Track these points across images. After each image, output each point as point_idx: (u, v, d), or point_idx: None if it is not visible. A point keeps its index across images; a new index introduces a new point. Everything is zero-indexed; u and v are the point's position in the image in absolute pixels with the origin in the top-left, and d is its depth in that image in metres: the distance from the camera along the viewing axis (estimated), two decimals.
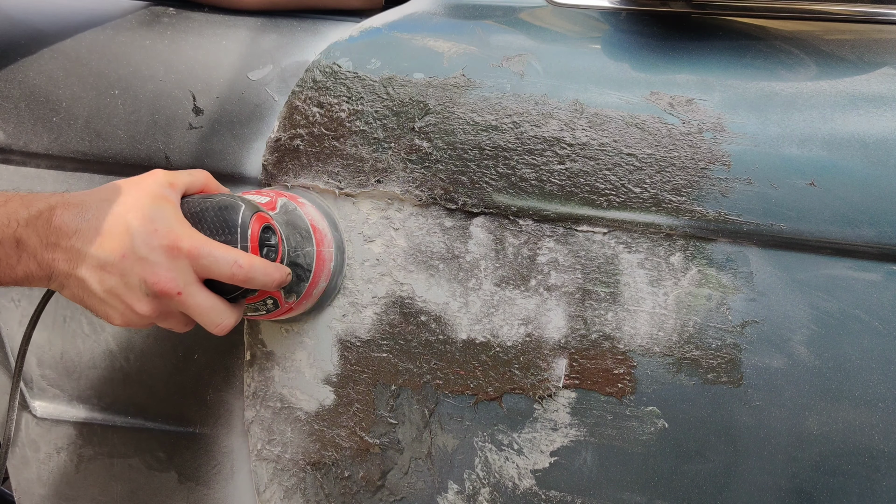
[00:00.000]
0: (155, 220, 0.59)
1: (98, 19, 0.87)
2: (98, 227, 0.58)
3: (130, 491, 0.91)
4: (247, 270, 0.60)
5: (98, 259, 0.58)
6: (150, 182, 0.61)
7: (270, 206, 0.69)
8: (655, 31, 0.74)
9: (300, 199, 0.74)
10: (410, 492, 0.78)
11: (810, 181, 0.64)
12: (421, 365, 0.75)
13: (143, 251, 0.58)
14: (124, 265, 0.58)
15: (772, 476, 0.66)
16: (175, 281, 0.59)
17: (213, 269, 0.60)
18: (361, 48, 0.76)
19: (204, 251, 0.59)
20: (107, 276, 0.59)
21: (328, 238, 0.73)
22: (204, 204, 0.63)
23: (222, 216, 0.61)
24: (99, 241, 0.58)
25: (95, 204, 0.59)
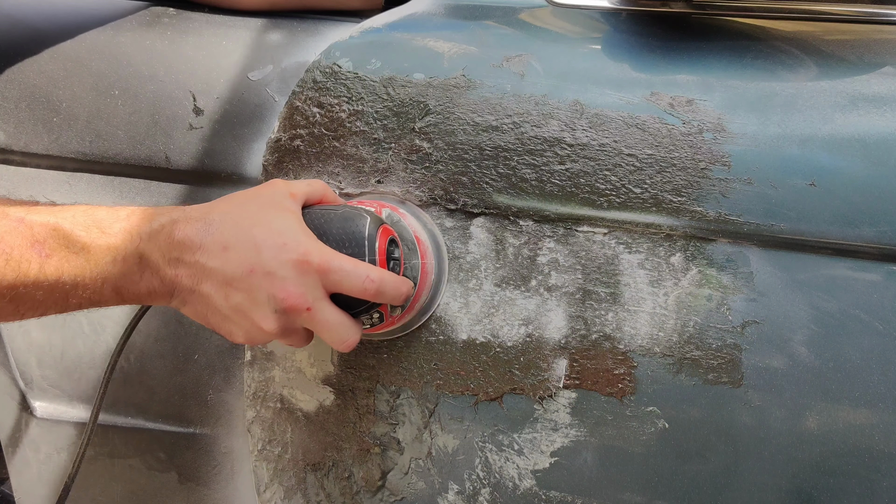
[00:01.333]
0: (282, 232, 0.56)
1: (98, 20, 0.87)
2: (223, 241, 0.55)
3: (130, 491, 0.91)
4: (378, 285, 0.58)
5: (224, 274, 0.55)
6: (272, 192, 0.59)
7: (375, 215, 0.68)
8: (655, 32, 0.74)
9: (400, 209, 0.72)
10: (410, 492, 0.78)
11: (810, 181, 0.64)
12: (421, 365, 0.75)
13: (272, 266, 0.55)
14: (252, 281, 0.55)
15: (772, 476, 0.66)
16: (304, 296, 0.56)
17: (343, 283, 0.57)
18: (362, 48, 0.76)
19: (334, 265, 0.56)
20: (233, 292, 0.56)
21: (430, 251, 0.71)
22: (328, 215, 0.61)
23: (348, 228, 0.60)
24: (225, 256, 0.55)
25: (219, 217, 0.56)
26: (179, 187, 0.83)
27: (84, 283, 0.54)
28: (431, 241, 0.72)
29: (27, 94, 0.85)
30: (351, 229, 0.60)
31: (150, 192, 0.83)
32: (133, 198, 0.84)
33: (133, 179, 0.84)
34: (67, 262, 0.52)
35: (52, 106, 0.84)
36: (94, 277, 0.54)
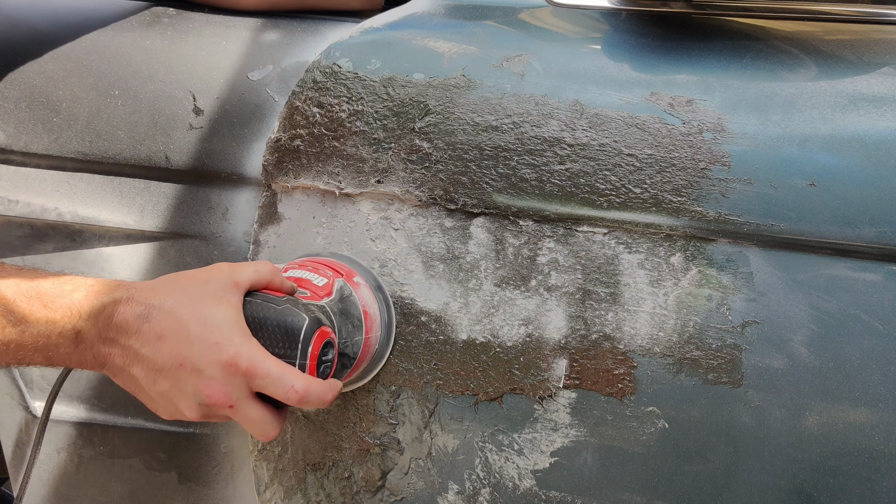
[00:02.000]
0: (217, 329, 0.58)
1: (98, 20, 0.87)
2: (159, 331, 0.57)
3: (130, 491, 0.91)
4: (302, 395, 0.59)
5: (154, 363, 0.58)
6: (216, 281, 0.60)
7: (327, 291, 0.68)
8: (655, 32, 0.74)
9: (356, 277, 0.73)
10: (410, 492, 0.78)
11: (810, 181, 0.64)
12: (421, 365, 0.75)
13: (201, 364, 0.57)
14: (180, 374, 0.58)
15: (772, 476, 0.66)
16: (228, 395, 0.58)
17: (268, 389, 0.59)
18: (362, 48, 0.76)
19: (261, 371, 0.58)
20: (161, 380, 0.58)
21: (377, 322, 0.72)
22: (267, 311, 0.61)
23: (285, 329, 0.60)
24: (157, 346, 0.57)
25: (158, 305, 0.58)
26: (179, 187, 0.83)
27: (16, 348, 0.56)
28: (384, 310, 0.73)
29: (27, 94, 0.85)
30: (287, 329, 0.60)
31: (150, 192, 0.83)
32: (133, 198, 0.84)
33: (133, 179, 0.84)
34: (3, 330, 0.54)
35: (52, 106, 0.84)
36: (27, 346, 0.56)
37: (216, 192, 0.82)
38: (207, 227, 0.82)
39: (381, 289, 0.74)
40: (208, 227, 0.82)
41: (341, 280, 0.70)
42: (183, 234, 0.83)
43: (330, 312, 0.66)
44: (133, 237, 0.84)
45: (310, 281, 0.68)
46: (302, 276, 0.68)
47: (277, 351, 0.60)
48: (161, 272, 0.83)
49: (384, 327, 0.73)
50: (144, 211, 0.83)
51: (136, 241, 0.84)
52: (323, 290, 0.67)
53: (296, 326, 0.60)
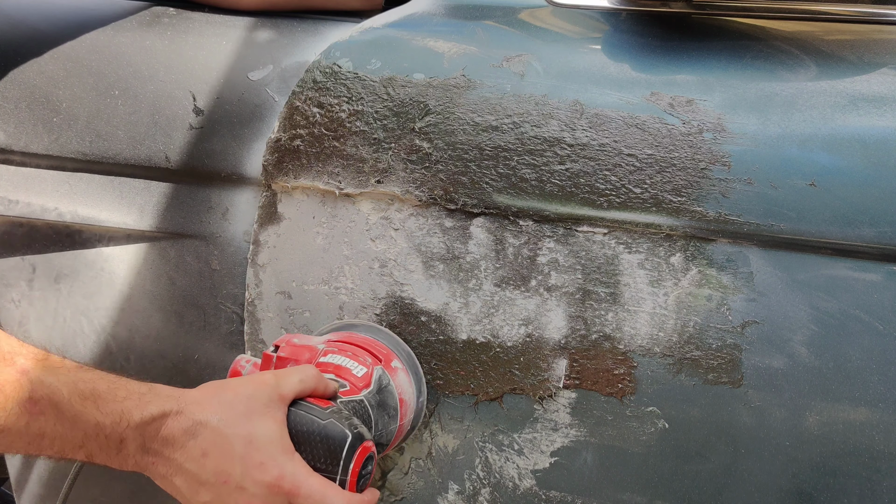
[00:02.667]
0: (262, 448, 0.59)
1: (98, 20, 0.87)
2: (204, 447, 0.58)
3: (131, 491, 0.91)
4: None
5: (198, 477, 0.59)
6: (260, 397, 0.61)
7: (366, 383, 0.68)
8: (655, 32, 0.74)
9: (394, 361, 0.72)
10: (411, 492, 0.78)
11: (810, 181, 0.64)
12: (421, 365, 0.75)
13: (245, 482, 0.59)
14: (223, 489, 0.59)
15: (772, 476, 0.66)
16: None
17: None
18: (362, 49, 0.76)
19: (303, 492, 0.59)
20: (203, 492, 0.59)
21: (411, 406, 0.72)
22: (311, 426, 0.61)
23: (327, 445, 0.60)
24: (202, 462, 0.58)
25: (205, 422, 0.59)
26: (179, 187, 0.83)
27: (62, 444, 0.57)
28: (417, 393, 0.73)
29: (27, 94, 0.85)
30: (330, 446, 0.60)
31: (150, 192, 0.83)
32: (133, 198, 0.84)
33: (133, 179, 0.84)
34: (54, 426, 0.55)
35: (52, 106, 0.84)
36: (74, 443, 0.57)
37: (216, 192, 0.82)
38: (207, 227, 0.82)
39: (415, 367, 0.74)
40: (208, 227, 0.82)
41: (380, 369, 0.70)
42: (183, 234, 0.83)
43: (368, 406, 0.66)
44: (133, 237, 0.84)
45: (349, 371, 0.68)
46: (341, 363, 0.68)
47: (319, 465, 0.61)
48: (161, 272, 0.83)
49: (416, 407, 0.73)
50: (144, 211, 0.83)
51: (136, 241, 0.84)
52: (362, 381, 0.67)
53: (338, 443, 0.60)
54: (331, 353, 0.69)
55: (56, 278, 0.87)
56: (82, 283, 0.86)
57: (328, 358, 0.69)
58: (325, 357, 0.69)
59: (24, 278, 0.88)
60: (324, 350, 0.69)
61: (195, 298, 0.83)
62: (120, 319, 0.86)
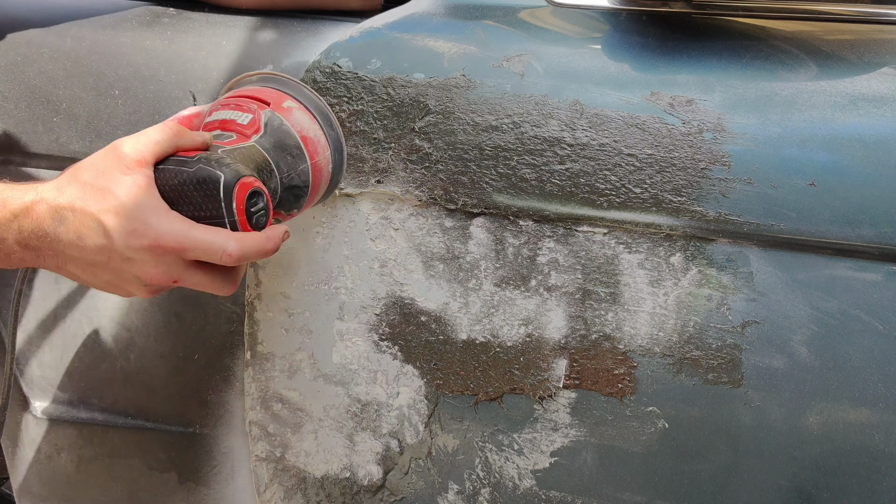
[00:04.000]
0: (131, 215, 0.56)
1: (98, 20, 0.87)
2: (76, 230, 0.56)
3: (130, 491, 0.91)
4: (238, 255, 0.57)
5: (85, 260, 0.58)
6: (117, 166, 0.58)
7: (255, 128, 0.64)
8: (655, 32, 0.74)
9: (286, 101, 0.68)
10: (410, 492, 0.78)
11: (810, 181, 0.64)
12: (421, 365, 0.75)
13: (128, 253, 0.57)
14: (112, 265, 0.57)
15: (772, 476, 0.66)
16: (167, 274, 0.58)
17: (202, 258, 0.58)
18: (361, 49, 0.76)
19: (188, 244, 0.57)
20: (99, 272, 0.58)
21: (322, 143, 0.68)
22: (181, 177, 0.58)
23: (202, 190, 0.57)
24: (80, 245, 0.57)
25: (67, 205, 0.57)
26: None
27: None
28: (323, 119, 0.69)
29: (27, 94, 0.85)
30: (204, 190, 0.57)
31: None
32: None
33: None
34: None
35: (52, 105, 0.84)
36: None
37: None
38: None
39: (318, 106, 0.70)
40: None
41: (268, 112, 0.66)
42: None
43: (262, 150, 0.63)
44: None
45: (234, 121, 0.64)
46: (226, 117, 0.65)
47: (202, 214, 0.58)
48: None
49: (332, 145, 0.70)
50: None
51: None
52: (250, 127, 0.64)
53: (213, 185, 0.57)
54: (214, 112, 0.67)
55: (56, 278, 0.87)
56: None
57: (212, 116, 0.66)
58: (210, 116, 0.66)
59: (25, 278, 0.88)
60: (209, 111, 0.67)
61: (195, 298, 0.83)
62: (120, 319, 0.86)
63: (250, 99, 0.68)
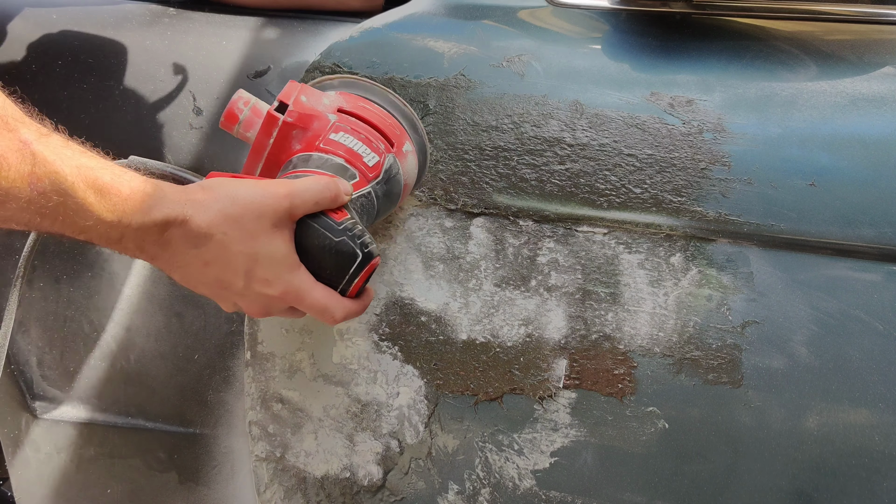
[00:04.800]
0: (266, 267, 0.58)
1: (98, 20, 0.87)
2: (207, 259, 0.57)
3: (130, 491, 0.91)
4: (341, 319, 0.61)
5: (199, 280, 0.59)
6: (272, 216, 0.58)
7: (375, 173, 0.64)
8: (655, 32, 0.74)
9: (405, 146, 0.68)
10: (410, 492, 0.78)
11: (810, 182, 0.64)
12: (421, 365, 0.75)
13: (247, 293, 0.59)
14: (221, 292, 0.60)
15: (772, 476, 0.66)
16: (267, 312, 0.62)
17: (309, 313, 0.61)
18: (362, 48, 0.76)
19: (307, 301, 0.60)
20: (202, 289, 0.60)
21: (410, 188, 0.70)
22: (322, 241, 0.59)
23: (337, 262, 0.59)
24: (203, 269, 0.58)
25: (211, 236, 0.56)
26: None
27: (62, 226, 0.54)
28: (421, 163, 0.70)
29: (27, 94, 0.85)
30: (339, 263, 0.59)
31: None
32: None
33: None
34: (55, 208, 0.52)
35: (52, 105, 0.84)
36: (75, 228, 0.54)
37: None
38: None
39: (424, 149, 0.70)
40: None
41: (391, 157, 0.66)
42: None
43: (374, 198, 0.64)
44: None
45: (361, 158, 0.64)
46: (354, 147, 0.64)
47: (323, 276, 0.60)
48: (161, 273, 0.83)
49: (414, 184, 0.71)
50: None
51: None
52: (373, 171, 0.64)
53: (348, 261, 0.59)
54: (343, 132, 0.64)
55: (56, 278, 0.87)
56: (82, 283, 0.86)
57: (339, 137, 0.64)
58: (337, 135, 0.64)
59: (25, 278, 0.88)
60: (334, 124, 0.64)
61: (195, 298, 0.83)
62: (120, 319, 0.86)
63: (377, 131, 0.67)
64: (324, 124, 0.64)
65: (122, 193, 0.54)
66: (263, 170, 0.65)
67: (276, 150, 0.64)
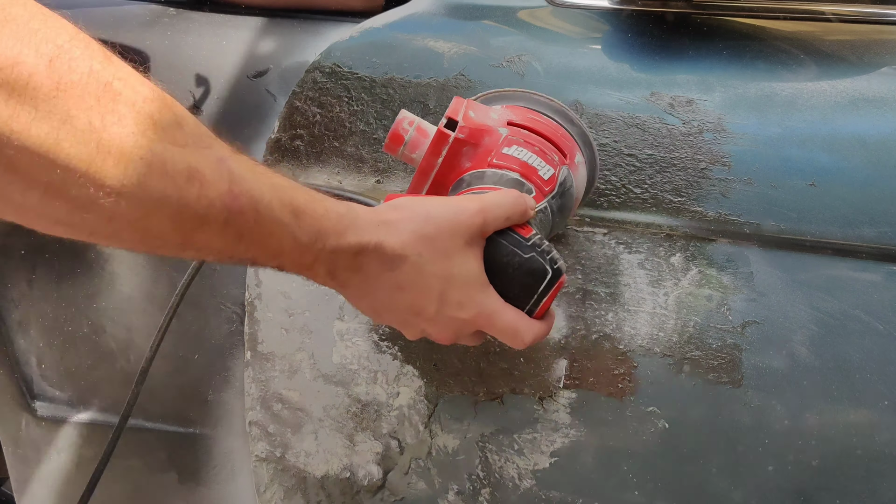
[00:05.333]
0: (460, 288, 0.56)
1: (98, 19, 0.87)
2: (400, 282, 0.55)
3: (130, 491, 0.91)
4: (529, 343, 0.59)
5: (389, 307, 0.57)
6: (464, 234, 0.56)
7: (551, 187, 0.62)
8: (655, 31, 0.74)
9: (577, 157, 0.65)
10: (411, 492, 0.78)
11: (810, 182, 0.64)
12: (421, 365, 0.75)
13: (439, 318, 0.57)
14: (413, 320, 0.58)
15: (772, 476, 0.66)
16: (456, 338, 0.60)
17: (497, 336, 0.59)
18: (362, 48, 0.76)
19: (497, 325, 0.57)
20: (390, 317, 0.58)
21: (579, 200, 0.68)
22: (512, 259, 0.57)
23: (526, 281, 0.57)
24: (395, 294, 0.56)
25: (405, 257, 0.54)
26: None
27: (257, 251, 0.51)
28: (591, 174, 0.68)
29: None
30: (528, 281, 0.57)
31: None
32: None
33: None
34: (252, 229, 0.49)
35: None
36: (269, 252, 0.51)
37: None
38: None
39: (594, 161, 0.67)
40: None
41: (565, 170, 0.63)
42: None
43: (550, 213, 0.62)
44: None
45: (536, 171, 0.61)
46: (528, 160, 0.61)
47: (510, 295, 0.58)
48: (161, 273, 0.83)
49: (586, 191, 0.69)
50: None
51: None
52: (549, 184, 0.61)
53: (538, 279, 0.57)
54: (515, 145, 0.62)
55: (56, 278, 0.87)
56: (82, 283, 0.86)
57: (513, 150, 0.61)
58: (510, 149, 0.61)
59: (24, 278, 0.88)
60: (506, 138, 0.62)
61: (195, 298, 0.83)
62: (120, 319, 0.86)
63: (550, 143, 0.64)
64: (495, 139, 0.62)
65: (317, 214, 0.52)
66: (430, 191, 0.63)
67: (444, 169, 0.62)
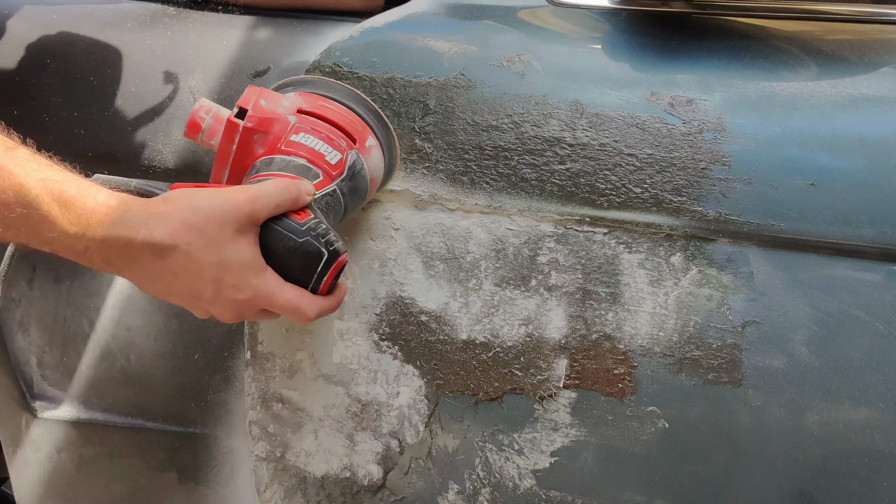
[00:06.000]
0: (233, 273, 0.59)
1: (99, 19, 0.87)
2: (174, 269, 0.58)
3: (130, 491, 0.91)
4: (314, 317, 0.62)
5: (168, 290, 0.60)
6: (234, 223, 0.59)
7: (339, 171, 0.65)
8: (655, 31, 0.74)
9: (368, 140, 0.68)
10: (411, 492, 0.78)
11: (811, 181, 0.64)
12: (421, 365, 0.75)
13: (217, 300, 0.60)
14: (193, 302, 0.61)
15: (772, 476, 0.66)
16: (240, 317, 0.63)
17: (281, 314, 0.62)
18: (362, 48, 0.76)
19: (277, 303, 0.61)
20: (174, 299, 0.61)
21: (378, 182, 0.71)
22: (287, 244, 0.60)
23: (303, 263, 0.60)
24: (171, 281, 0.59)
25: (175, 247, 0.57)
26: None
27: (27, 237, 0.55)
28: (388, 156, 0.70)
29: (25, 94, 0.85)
30: (305, 263, 0.60)
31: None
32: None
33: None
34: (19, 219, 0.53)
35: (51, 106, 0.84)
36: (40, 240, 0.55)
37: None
38: None
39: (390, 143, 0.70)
40: None
41: (354, 154, 0.66)
42: None
43: (340, 195, 0.65)
44: None
45: (323, 157, 0.65)
46: (315, 147, 0.65)
47: (292, 276, 0.61)
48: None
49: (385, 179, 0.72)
50: None
51: None
52: (336, 168, 0.65)
53: (314, 261, 0.60)
54: (303, 132, 0.65)
55: (56, 278, 0.87)
56: (82, 283, 0.86)
57: (300, 137, 0.65)
58: (297, 136, 0.65)
59: (24, 278, 0.88)
60: (294, 126, 0.65)
61: None
62: (120, 319, 0.86)
63: (338, 129, 0.67)
64: (284, 126, 0.65)
65: (86, 206, 0.55)
66: (230, 176, 0.66)
67: (239, 155, 0.65)
